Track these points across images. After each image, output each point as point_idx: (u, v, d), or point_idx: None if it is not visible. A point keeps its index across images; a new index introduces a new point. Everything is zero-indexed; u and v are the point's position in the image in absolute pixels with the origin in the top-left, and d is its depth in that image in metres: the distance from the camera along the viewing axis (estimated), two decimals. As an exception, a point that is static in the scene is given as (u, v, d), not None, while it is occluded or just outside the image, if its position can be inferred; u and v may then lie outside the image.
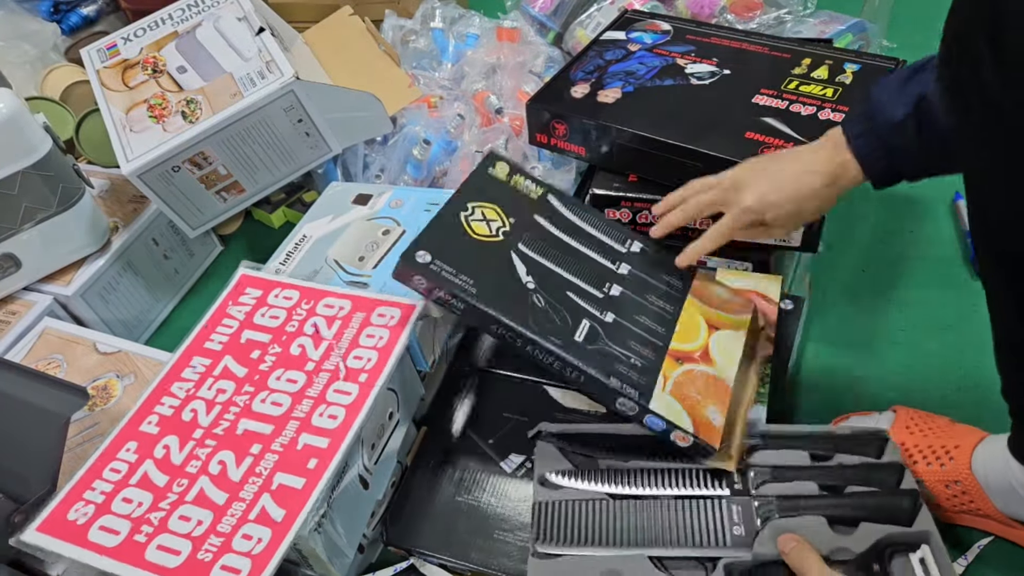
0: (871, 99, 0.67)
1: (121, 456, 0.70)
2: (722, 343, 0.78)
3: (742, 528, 0.67)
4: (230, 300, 0.82)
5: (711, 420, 0.71)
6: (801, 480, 0.70)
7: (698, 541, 0.67)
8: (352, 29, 1.23)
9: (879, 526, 0.65)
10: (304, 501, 0.64)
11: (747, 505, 0.69)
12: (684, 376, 0.73)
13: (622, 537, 0.69)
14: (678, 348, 0.76)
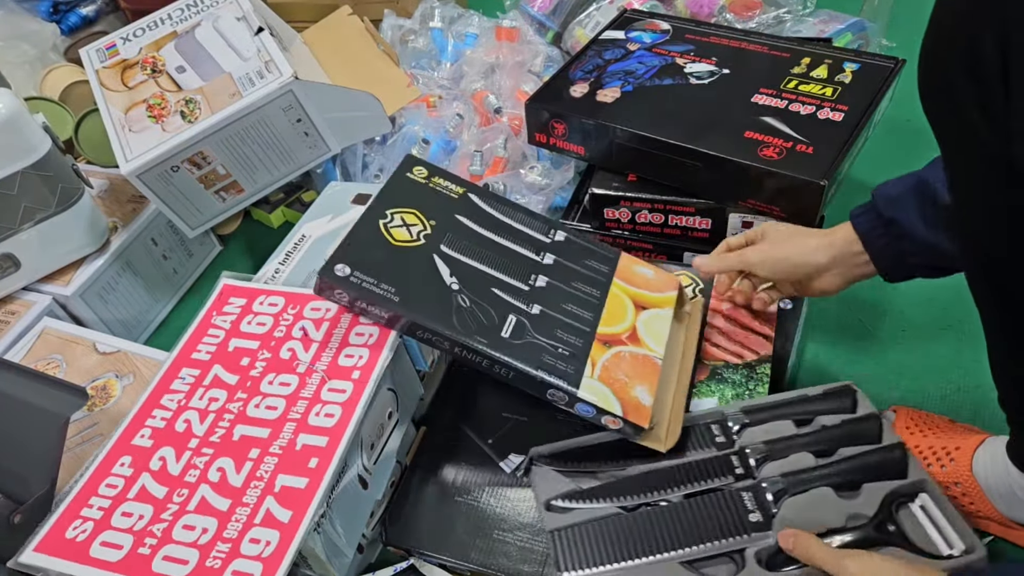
0: (874, 190, 0.70)
1: (116, 471, 0.69)
2: (650, 323, 0.79)
3: (758, 514, 0.67)
4: (214, 310, 0.82)
5: (639, 400, 0.72)
6: (795, 451, 0.71)
7: (721, 535, 0.67)
8: (351, 29, 1.23)
9: (880, 484, 0.67)
10: (309, 500, 0.64)
11: (757, 490, 0.69)
12: (612, 359, 0.74)
13: (646, 547, 0.68)
14: (606, 332, 0.76)
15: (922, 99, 0.49)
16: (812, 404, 0.75)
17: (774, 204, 0.89)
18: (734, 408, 0.77)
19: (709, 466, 0.72)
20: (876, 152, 1.16)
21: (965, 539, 0.63)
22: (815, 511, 0.66)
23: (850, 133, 0.89)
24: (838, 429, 0.72)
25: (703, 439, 0.75)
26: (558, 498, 0.74)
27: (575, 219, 1.05)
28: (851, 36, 1.19)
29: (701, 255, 0.85)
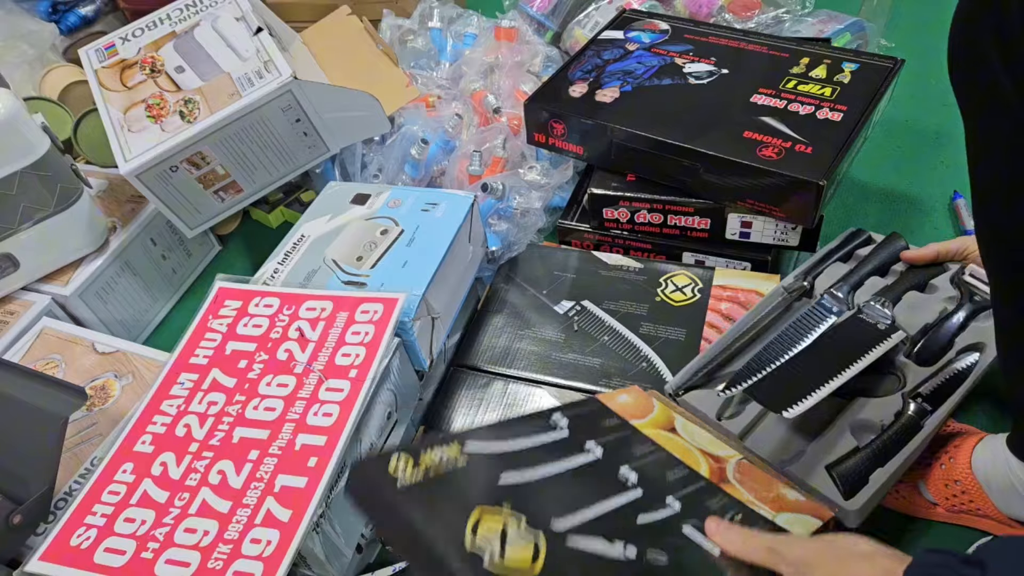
0: None
1: (118, 479, 0.70)
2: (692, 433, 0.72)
3: (883, 322, 0.78)
4: (210, 314, 0.82)
5: (797, 500, 0.65)
6: (864, 278, 0.85)
7: (871, 346, 0.75)
8: (350, 29, 1.23)
9: (941, 275, 0.85)
10: (309, 499, 0.64)
11: (868, 310, 0.80)
12: (741, 481, 0.66)
13: (816, 380, 0.71)
14: (705, 471, 0.66)
15: (950, 65, 0.50)
16: (842, 249, 0.89)
17: (773, 204, 0.89)
18: (789, 280, 0.88)
19: (812, 317, 0.82)
20: (875, 152, 1.17)
21: None
22: (918, 311, 0.81)
23: (849, 133, 0.89)
24: (881, 254, 0.87)
25: (787, 306, 0.86)
26: (722, 392, 0.75)
27: (574, 219, 1.05)
28: (850, 36, 1.19)
29: (912, 251, 0.87)
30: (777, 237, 0.94)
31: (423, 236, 0.86)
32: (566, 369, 0.87)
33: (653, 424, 0.71)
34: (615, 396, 0.74)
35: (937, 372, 0.76)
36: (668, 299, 0.92)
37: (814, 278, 0.88)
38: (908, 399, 0.74)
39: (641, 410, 0.73)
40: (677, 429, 0.72)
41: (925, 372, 0.76)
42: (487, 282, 1.01)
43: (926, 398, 0.74)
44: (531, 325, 0.93)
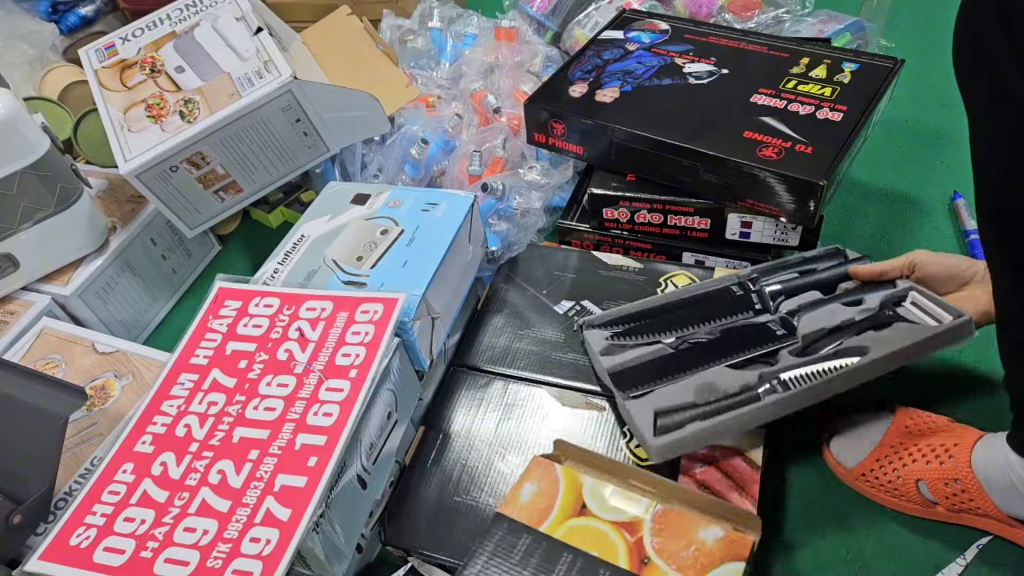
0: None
1: (118, 478, 0.70)
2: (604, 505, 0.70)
3: (783, 329, 0.81)
4: (210, 314, 0.82)
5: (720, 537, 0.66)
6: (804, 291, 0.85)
7: (755, 345, 0.80)
8: (350, 29, 1.23)
9: (876, 293, 0.82)
10: (309, 498, 0.64)
11: (779, 317, 0.83)
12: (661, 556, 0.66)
13: (695, 365, 0.78)
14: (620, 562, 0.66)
15: (955, 58, 0.51)
16: (811, 263, 0.89)
17: (773, 204, 0.89)
18: (746, 272, 0.89)
19: (733, 304, 0.86)
20: (875, 152, 1.17)
21: (952, 313, 0.75)
22: (828, 318, 0.80)
23: (849, 133, 0.89)
24: (836, 270, 0.86)
25: (725, 296, 0.88)
26: (611, 338, 0.82)
27: (574, 219, 1.05)
28: (850, 36, 1.19)
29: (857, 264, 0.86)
30: (777, 237, 0.94)
31: (423, 236, 0.86)
32: (566, 369, 0.87)
33: (563, 513, 0.70)
34: (518, 494, 0.72)
35: (805, 364, 0.76)
36: (668, 299, 0.92)
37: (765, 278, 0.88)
38: (765, 379, 0.75)
39: (547, 498, 0.71)
40: (587, 503, 0.70)
41: (794, 361, 0.77)
42: (487, 282, 1.01)
43: (782, 382, 0.75)
44: (531, 325, 0.93)
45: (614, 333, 0.85)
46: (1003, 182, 0.52)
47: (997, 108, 0.49)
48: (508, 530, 0.69)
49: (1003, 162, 0.51)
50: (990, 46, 0.47)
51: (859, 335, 0.77)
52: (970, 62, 0.50)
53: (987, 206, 0.56)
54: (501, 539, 0.69)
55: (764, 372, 0.76)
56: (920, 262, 0.80)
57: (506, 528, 0.69)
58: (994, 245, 0.57)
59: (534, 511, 0.70)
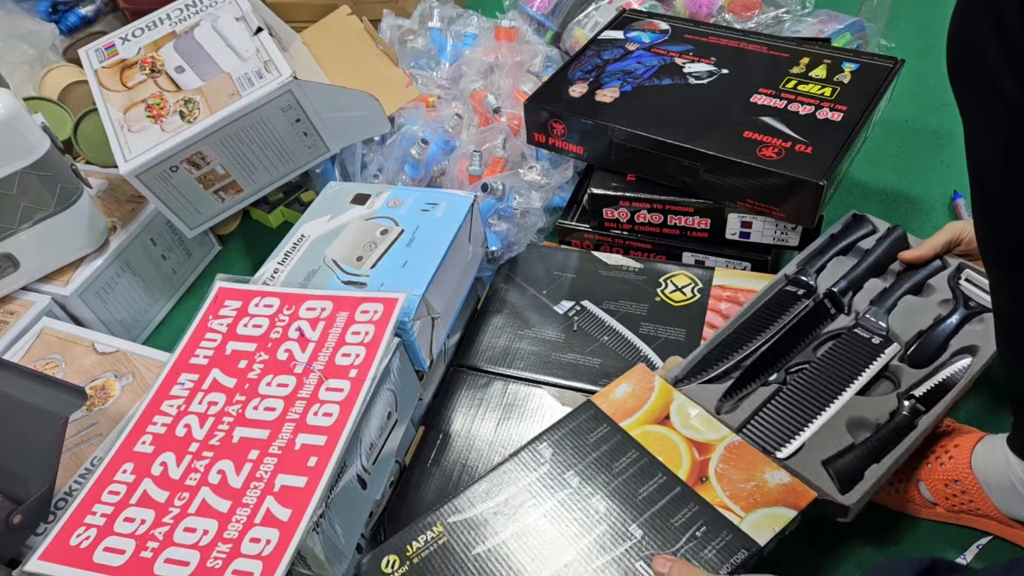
0: None
1: (118, 478, 0.70)
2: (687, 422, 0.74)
3: (876, 337, 0.80)
4: (210, 314, 0.82)
5: (781, 483, 0.68)
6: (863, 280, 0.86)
7: (865, 363, 0.78)
8: (350, 29, 1.23)
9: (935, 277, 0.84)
10: (309, 498, 0.64)
11: (862, 323, 0.82)
12: (721, 481, 0.69)
13: (822, 401, 0.76)
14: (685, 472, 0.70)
15: (949, 62, 0.51)
16: (844, 238, 0.90)
17: (773, 204, 0.89)
18: (792, 268, 0.88)
19: (813, 318, 0.84)
20: (875, 152, 1.17)
21: None
22: (914, 316, 0.81)
23: (849, 133, 0.89)
24: (879, 249, 0.87)
25: (789, 301, 0.86)
26: (723, 399, 0.78)
27: (574, 219, 1.05)
28: (850, 36, 1.19)
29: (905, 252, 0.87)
30: (777, 237, 0.94)
31: (423, 236, 0.86)
32: (566, 369, 0.87)
33: (646, 417, 0.75)
34: (613, 389, 0.78)
35: (930, 375, 0.77)
36: (668, 299, 0.92)
37: (817, 273, 0.88)
38: (902, 399, 0.74)
39: (637, 401, 0.77)
40: (671, 415, 0.75)
41: (919, 374, 0.77)
42: (487, 282, 1.01)
43: (919, 399, 0.74)
44: (531, 325, 0.93)
45: (726, 392, 0.78)
46: (996, 182, 0.53)
47: (990, 110, 0.50)
48: (592, 416, 0.76)
49: (996, 162, 0.52)
50: (983, 48, 0.47)
51: (958, 333, 0.79)
52: (963, 64, 0.50)
53: (981, 205, 0.56)
54: (583, 422, 0.76)
55: (899, 393, 0.76)
56: (965, 236, 0.83)
57: (591, 414, 0.76)
58: (990, 246, 0.57)
59: (621, 408, 0.76)
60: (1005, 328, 0.61)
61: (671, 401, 0.76)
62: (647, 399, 0.77)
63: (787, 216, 0.90)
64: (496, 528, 0.69)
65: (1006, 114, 0.48)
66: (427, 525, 0.70)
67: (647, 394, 0.77)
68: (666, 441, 0.73)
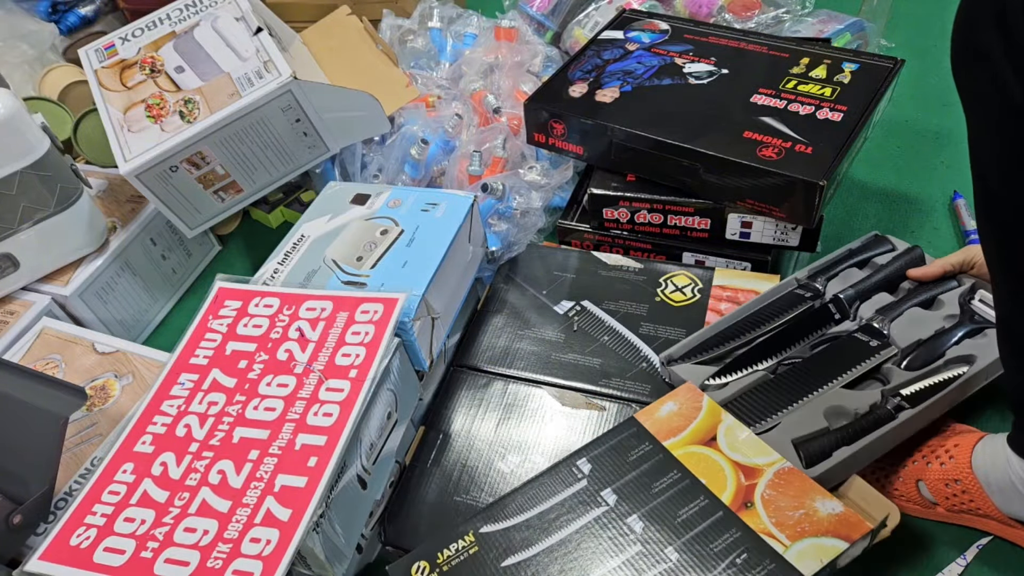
0: None
1: (118, 478, 0.70)
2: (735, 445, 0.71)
3: (875, 340, 0.80)
4: (210, 314, 0.82)
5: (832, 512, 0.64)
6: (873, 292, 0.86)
7: (857, 361, 0.78)
8: (350, 29, 1.23)
9: (948, 294, 0.84)
10: (309, 498, 0.64)
11: (864, 328, 0.82)
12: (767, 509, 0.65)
13: (807, 388, 0.76)
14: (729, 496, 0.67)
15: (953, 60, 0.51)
16: (861, 253, 0.91)
17: (773, 204, 0.89)
18: (803, 273, 0.89)
19: (815, 319, 0.84)
20: (875, 152, 1.17)
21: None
22: (916, 326, 0.81)
23: (849, 133, 0.89)
24: (894, 265, 0.87)
25: (795, 301, 0.87)
26: (711, 378, 0.80)
27: (574, 219, 1.05)
28: (850, 36, 1.19)
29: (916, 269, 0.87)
30: (777, 237, 0.94)
31: (423, 236, 0.86)
32: (566, 369, 0.87)
33: (691, 437, 0.72)
34: (659, 407, 0.76)
35: (921, 377, 0.77)
36: (668, 299, 0.92)
37: (827, 280, 0.88)
38: (887, 395, 0.75)
39: (684, 419, 0.74)
40: (718, 438, 0.72)
41: (910, 375, 0.77)
42: (487, 282, 1.01)
43: (906, 398, 0.74)
44: (531, 325, 0.93)
45: (716, 372, 0.80)
46: (998, 180, 0.53)
47: (992, 107, 0.50)
48: (635, 434, 0.74)
49: (999, 160, 0.52)
50: (986, 45, 0.47)
51: (958, 344, 0.79)
52: (967, 61, 0.50)
53: (984, 204, 0.56)
54: (626, 439, 0.74)
55: (885, 390, 0.75)
56: (979, 260, 0.83)
57: (634, 432, 0.74)
58: (992, 244, 0.57)
59: (665, 427, 0.74)
60: (1007, 328, 0.61)
61: (719, 422, 0.73)
62: (694, 418, 0.74)
63: (787, 216, 0.90)
64: (528, 541, 0.67)
65: (1009, 112, 0.48)
66: (459, 534, 0.69)
67: (694, 413, 0.75)
68: (711, 463, 0.70)
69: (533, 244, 1.04)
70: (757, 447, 0.71)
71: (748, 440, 0.71)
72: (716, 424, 0.73)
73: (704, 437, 0.72)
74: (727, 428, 0.73)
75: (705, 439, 0.72)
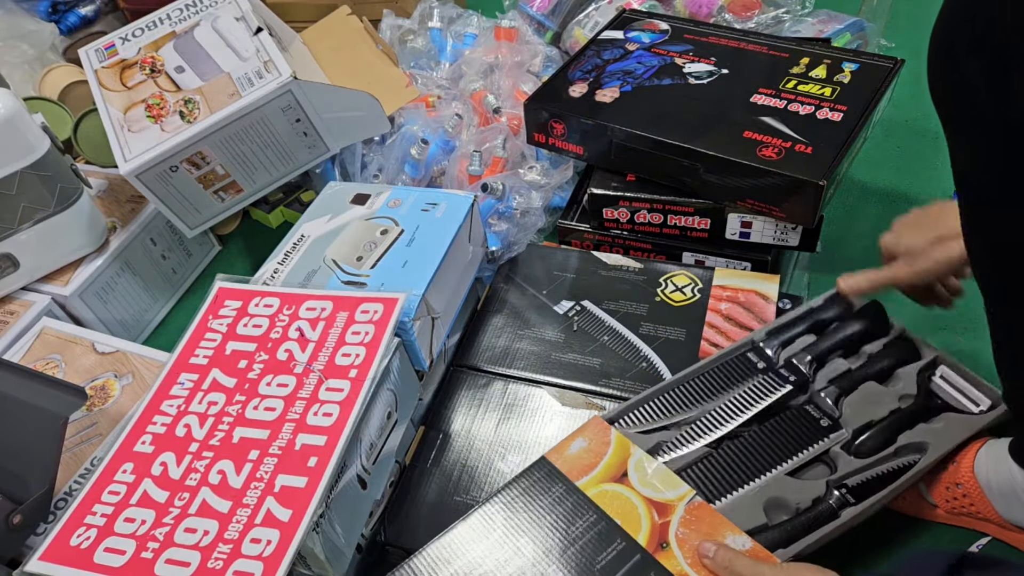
0: None
1: (118, 478, 0.70)
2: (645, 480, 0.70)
3: (826, 419, 0.76)
4: (210, 314, 0.82)
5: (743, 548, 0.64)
6: (829, 358, 0.81)
7: (806, 444, 0.74)
8: (350, 29, 1.23)
9: (906, 367, 0.79)
10: (309, 499, 0.64)
11: (816, 401, 0.77)
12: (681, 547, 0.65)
13: (751, 472, 0.72)
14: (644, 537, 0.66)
15: (930, 81, 0.51)
16: (819, 313, 0.85)
17: (773, 204, 0.89)
18: (759, 334, 0.83)
19: (766, 384, 0.79)
20: (875, 152, 1.17)
21: (989, 395, 0.76)
22: (870, 404, 0.76)
23: (849, 133, 0.89)
24: (852, 329, 0.82)
25: (746, 367, 0.82)
26: (650, 452, 0.74)
27: (574, 219, 1.05)
28: (850, 36, 1.19)
29: (847, 275, 0.82)
30: (777, 237, 0.94)
31: (423, 236, 0.86)
32: (566, 369, 0.87)
33: (603, 475, 0.71)
34: (568, 444, 0.74)
35: (868, 467, 0.72)
36: (668, 299, 0.92)
37: (781, 347, 0.83)
38: (832, 487, 0.71)
39: (594, 455, 0.73)
40: (628, 473, 0.71)
41: (857, 464, 0.72)
42: (487, 282, 1.01)
43: (851, 489, 0.70)
44: (531, 325, 0.93)
45: (656, 446, 0.76)
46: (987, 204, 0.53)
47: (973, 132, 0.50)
48: (547, 474, 0.72)
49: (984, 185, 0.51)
50: (964, 74, 0.47)
51: (911, 428, 0.75)
52: (944, 85, 0.50)
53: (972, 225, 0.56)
54: (538, 480, 0.72)
55: (830, 480, 0.71)
56: (888, 247, 0.78)
57: (546, 472, 0.72)
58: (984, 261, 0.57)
59: (576, 465, 0.72)
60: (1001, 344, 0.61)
61: (628, 456, 0.72)
62: (604, 454, 0.72)
63: (787, 216, 0.90)
64: None
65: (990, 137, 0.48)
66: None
67: (603, 448, 0.73)
68: (624, 502, 0.69)
69: (533, 244, 1.04)
70: (666, 479, 0.70)
71: (657, 472, 0.70)
72: (626, 459, 0.72)
73: (615, 473, 0.71)
74: (636, 462, 0.71)
75: (617, 475, 0.71)
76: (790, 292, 0.95)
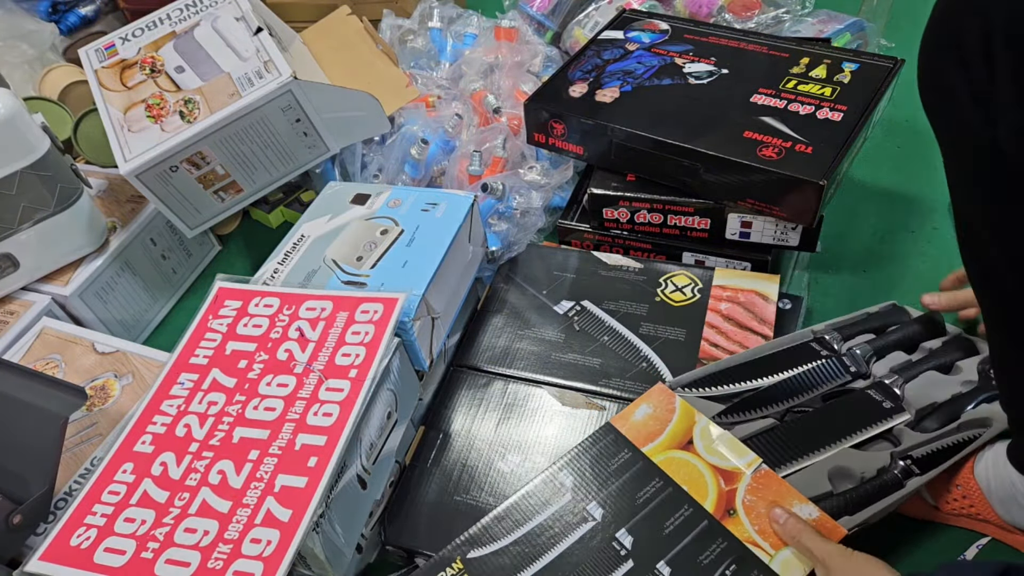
0: None
1: (118, 478, 0.70)
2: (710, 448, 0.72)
3: (889, 401, 0.77)
4: (210, 314, 0.82)
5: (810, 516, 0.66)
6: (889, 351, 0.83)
7: (869, 422, 0.75)
8: (350, 29, 1.23)
9: (969, 360, 0.81)
10: (309, 499, 0.64)
11: (878, 385, 0.79)
12: (748, 514, 0.67)
13: (816, 444, 0.73)
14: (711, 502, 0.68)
15: (920, 88, 0.50)
16: (876, 320, 0.88)
17: (773, 204, 0.89)
18: (821, 327, 0.85)
19: (831, 368, 0.81)
20: (875, 152, 1.17)
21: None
22: (930, 388, 0.78)
23: (849, 133, 0.89)
24: (912, 329, 0.86)
25: (809, 353, 0.83)
26: (718, 416, 0.76)
27: (574, 219, 1.05)
28: (850, 36, 1.19)
29: (931, 294, 0.88)
30: (777, 237, 0.94)
31: (423, 236, 0.86)
32: (566, 369, 0.87)
33: (668, 442, 0.73)
34: (633, 411, 0.76)
35: (933, 440, 0.74)
36: (668, 299, 0.92)
37: (844, 339, 0.85)
38: (896, 458, 0.72)
39: (659, 423, 0.74)
40: (694, 440, 0.72)
41: (921, 438, 0.74)
42: (487, 282, 1.01)
43: (916, 460, 0.72)
44: (531, 325, 0.93)
45: (724, 411, 0.77)
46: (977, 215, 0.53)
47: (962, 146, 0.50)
48: (613, 441, 0.74)
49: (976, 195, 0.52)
50: (950, 84, 0.47)
51: (975, 408, 0.76)
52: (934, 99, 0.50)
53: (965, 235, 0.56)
54: (605, 447, 0.73)
55: (895, 452, 0.72)
56: None
57: (612, 439, 0.74)
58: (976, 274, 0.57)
59: (642, 432, 0.74)
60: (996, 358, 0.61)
61: (693, 424, 0.73)
62: (668, 421, 0.74)
63: (787, 216, 0.90)
64: (518, 565, 0.66)
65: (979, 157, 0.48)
66: (445, 560, 0.68)
67: (668, 415, 0.75)
68: (691, 469, 0.70)
69: (533, 244, 1.04)
70: (732, 446, 0.71)
71: (723, 439, 0.72)
72: (691, 426, 0.73)
73: (681, 441, 0.72)
74: (702, 429, 0.73)
75: (682, 443, 0.72)
76: (790, 292, 0.95)
